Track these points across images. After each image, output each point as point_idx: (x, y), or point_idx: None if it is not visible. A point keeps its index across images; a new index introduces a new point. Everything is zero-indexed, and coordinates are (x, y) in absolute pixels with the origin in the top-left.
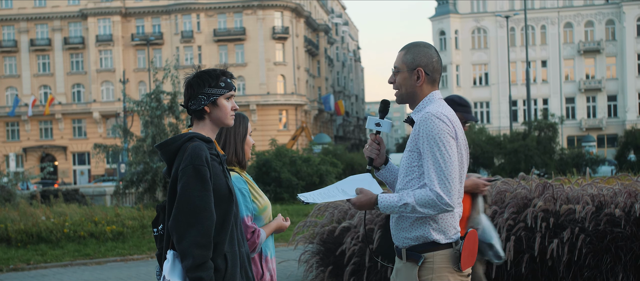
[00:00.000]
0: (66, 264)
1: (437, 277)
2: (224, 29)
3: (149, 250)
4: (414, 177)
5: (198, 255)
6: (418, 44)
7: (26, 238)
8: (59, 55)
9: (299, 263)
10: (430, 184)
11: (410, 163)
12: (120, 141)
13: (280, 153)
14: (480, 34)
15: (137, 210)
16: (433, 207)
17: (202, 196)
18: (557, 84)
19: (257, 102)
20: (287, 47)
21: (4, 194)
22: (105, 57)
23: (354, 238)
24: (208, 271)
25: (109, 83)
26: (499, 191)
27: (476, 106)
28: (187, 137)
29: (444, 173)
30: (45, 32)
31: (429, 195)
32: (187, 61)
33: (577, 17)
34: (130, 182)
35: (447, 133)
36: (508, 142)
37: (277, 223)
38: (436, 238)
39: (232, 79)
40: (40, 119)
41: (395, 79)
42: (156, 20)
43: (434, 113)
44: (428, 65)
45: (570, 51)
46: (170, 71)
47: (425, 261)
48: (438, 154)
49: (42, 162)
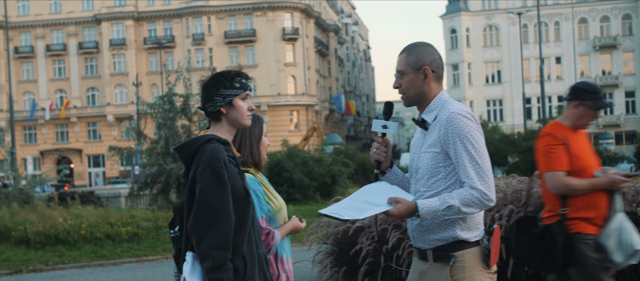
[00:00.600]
0: (83, 265)
1: (468, 276)
2: (235, 31)
3: (163, 250)
4: (440, 178)
5: (218, 257)
6: (418, 44)
7: (44, 239)
8: (74, 59)
9: (313, 264)
10: (471, 182)
11: (436, 164)
12: (134, 143)
13: (292, 153)
14: (492, 32)
15: (152, 211)
16: (477, 205)
17: (221, 197)
18: (572, 80)
19: (268, 103)
20: (297, 48)
21: (22, 196)
22: (119, 61)
23: (368, 238)
24: (228, 273)
25: (122, 86)
26: (515, 190)
27: (489, 104)
28: (205, 140)
29: (482, 169)
30: (60, 38)
31: (473, 194)
32: (198, 63)
33: (591, 13)
34: (144, 184)
35: (476, 130)
36: (522, 140)
37: (293, 224)
38: (465, 237)
39: (248, 80)
40: (57, 123)
41: (400, 83)
42: (168, 23)
43: (460, 112)
44: (433, 62)
45: (585, 47)
46: (182, 74)
47: (456, 260)
48: (473, 152)
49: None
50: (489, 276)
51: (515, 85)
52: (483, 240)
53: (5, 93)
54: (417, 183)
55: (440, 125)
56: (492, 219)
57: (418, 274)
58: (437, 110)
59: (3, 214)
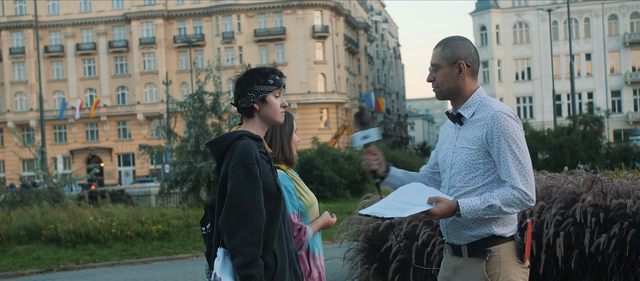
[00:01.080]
0: (114, 263)
1: (504, 270)
2: (264, 29)
3: (194, 249)
4: (477, 174)
5: (248, 253)
6: (454, 38)
7: (75, 238)
8: (103, 58)
9: (344, 261)
10: (513, 182)
11: (475, 160)
12: (164, 142)
13: (322, 151)
14: (522, 29)
15: (182, 210)
16: (518, 205)
17: (252, 194)
18: (602, 77)
19: (298, 101)
20: (327, 45)
21: (53, 195)
22: (149, 60)
23: (398, 234)
24: (258, 269)
25: (152, 85)
26: (546, 186)
27: (518, 101)
28: (237, 135)
29: (525, 169)
30: (90, 37)
31: (514, 194)
32: (228, 62)
33: (622, 9)
34: (174, 182)
35: (520, 130)
36: (552, 137)
37: (324, 220)
38: (501, 232)
39: (282, 77)
40: (86, 122)
41: (434, 77)
42: (197, 22)
43: (505, 111)
44: (468, 57)
45: (616, 43)
46: (212, 72)
47: (492, 255)
48: (517, 152)
49: (89, 164)
50: (523, 270)
51: (545, 82)
52: (516, 235)
53: (36, 92)
54: (452, 178)
55: (483, 123)
56: (523, 214)
57: (452, 270)
58: (476, 106)
59: (34, 213)
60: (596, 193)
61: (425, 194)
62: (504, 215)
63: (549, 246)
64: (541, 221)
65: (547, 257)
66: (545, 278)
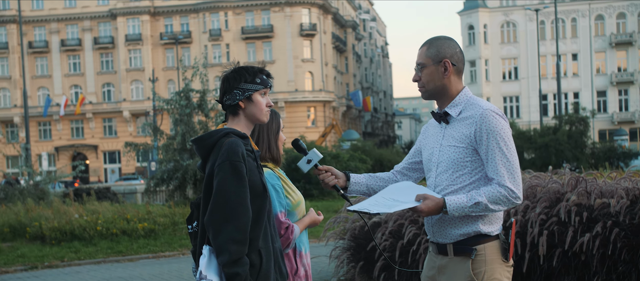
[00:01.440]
0: (99, 261)
1: (489, 269)
2: (252, 26)
3: (180, 246)
4: (465, 172)
5: (234, 251)
6: (439, 37)
7: (60, 235)
8: (89, 55)
9: (330, 259)
10: (500, 179)
11: (462, 158)
12: (151, 140)
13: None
14: (510, 28)
15: (168, 207)
16: (505, 202)
17: (239, 191)
18: (588, 77)
19: (285, 99)
20: (314, 44)
21: (37, 192)
22: (135, 57)
23: (384, 233)
24: (244, 267)
25: (138, 82)
26: (531, 186)
27: (505, 100)
28: (224, 133)
29: (513, 167)
30: (75, 33)
31: (501, 191)
32: (215, 59)
33: (608, 9)
34: (160, 180)
35: (508, 129)
36: (538, 136)
37: (311, 218)
38: (487, 231)
39: (269, 77)
40: (72, 119)
41: (420, 76)
42: (184, 18)
43: (493, 110)
44: (453, 56)
45: (602, 44)
46: (199, 69)
47: (477, 254)
48: (505, 150)
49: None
50: (507, 269)
51: (532, 81)
52: (501, 234)
53: (20, 88)
54: (438, 176)
55: (471, 121)
56: (508, 214)
57: (436, 269)
58: (463, 105)
59: (18, 210)
60: (580, 193)
61: (414, 191)
62: (490, 213)
63: (533, 245)
64: (526, 220)
65: (531, 256)
66: (529, 276)
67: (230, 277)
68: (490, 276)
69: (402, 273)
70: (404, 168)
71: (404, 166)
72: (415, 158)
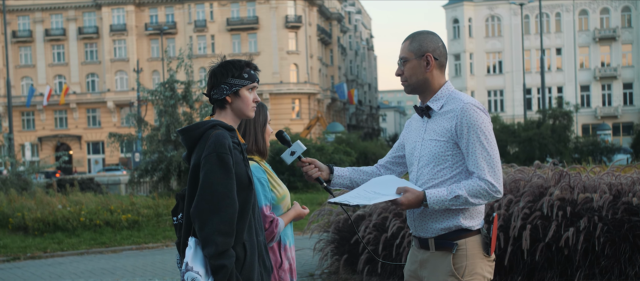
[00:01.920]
0: (82, 252)
1: (470, 264)
2: (237, 18)
3: (164, 238)
4: (446, 166)
5: (221, 242)
6: (422, 32)
7: (43, 226)
8: (73, 45)
9: (314, 252)
10: (480, 173)
11: (443, 152)
12: (135, 130)
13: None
14: (494, 22)
15: (152, 199)
16: (485, 196)
17: (225, 183)
18: (572, 72)
19: (270, 91)
20: (300, 36)
21: (20, 183)
22: (119, 47)
23: (368, 226)
24: (230, 259)
25: (123, 72)
26: (514, 180)
27: (490, 94)
28: (210, 125)
29: (493, 161)
30: (59, 22)
31: (481, 185)
32: (200, 50)
33: (592, 4)
34: (144, 171)
35: (489, 123)
36: (522, 130)
37: (296, 211)
38: (468, 225)
39: (256, 71)
40: (55, 109)
41: (403, 70)
42: (169, 9)
43: (474, 104)
44: (436, 50)
45: (586, 39)
46: (183, 61)
47: (458, 249)
48: (486, 144)
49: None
50: (489, 263)
51: (516, 76)
52: (483, 228)
53: (3, 78)
54: (419, 170)
55: (452, 115)
56: (491, 208)
57: (418, 263)
58: (444, 99)
59: (1, 200)
60: (564, 187)
61: (396, 184)
62: (470, 206)
63: (516, 239)
64: (509, 214)
65: (514, 250)
66: (512, 270)
67: (216, 269)
68: (472, 271)
69: (386, 267)
70: (387, 162)
71: (387, 160)
72: (399, 152)
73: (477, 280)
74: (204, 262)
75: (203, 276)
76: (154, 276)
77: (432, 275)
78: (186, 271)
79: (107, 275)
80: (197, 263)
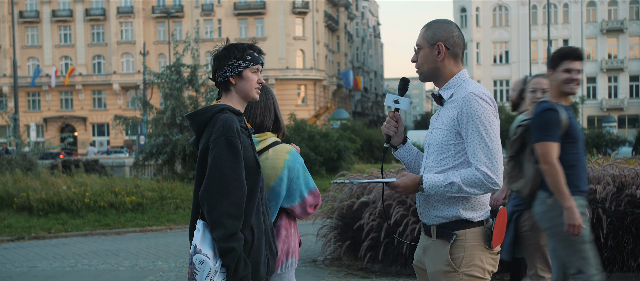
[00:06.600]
0: (86, 233)
1: (468, 255)
2: (244, 2)
3: (167, 221)
4: (449, 155)
5: (229, 225)
6: (439, 20)
7: (47, 207)
8: (80, 26)
9: (317, 238)
10: (477, 163)
11: (446, 140)
12: (140, 113)
13: (299, 127)
14: (502, 12)
15: (157, 182)
16: (480, 186)
17: (234, 167)
18: None
19: (276, 76)
20: (307, 21)
21: (25, 163)
22: (126, 29)
23: (372, 213)
24: (239, 242)
25: (129, 55)
26: None
27: (496, 84)
28: (218, 109)
29: (492, 152)
30: (66, 4)
31: (476, 175)
32: (207, 35)
33: None
34: (149, 154)
35: (491, 113)
36: None
37: None
38: (469, 216)
39: (260, 54)
40: (61, 90)
41: (417, 58)
42: None
43: (476, 93)
44: (448, 39)
45: (593, 30)
46: (190, 44)
47: (457, 239)
48: (484, 134)
49: (62, 132)
50: (491, 256)
51: (523, 66)
52: (487, 220)
53: (9, 58)
54: (427, 158)
55: (456, 104)
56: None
57: (423, 249)
58: (454, 88)
59: (6, 180)
60: None
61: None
62: (466, 195)
63: None
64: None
65: None
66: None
67: (225, 252)
68: (469, 262)
69: (387, 253)
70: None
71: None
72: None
73: (474, 271)
74: (212, 245)
75: (211, 259)
76: (157, 259)
77: (431, 262)
78: (195, 253)
79: (111, 257)
80: (205, 246)
